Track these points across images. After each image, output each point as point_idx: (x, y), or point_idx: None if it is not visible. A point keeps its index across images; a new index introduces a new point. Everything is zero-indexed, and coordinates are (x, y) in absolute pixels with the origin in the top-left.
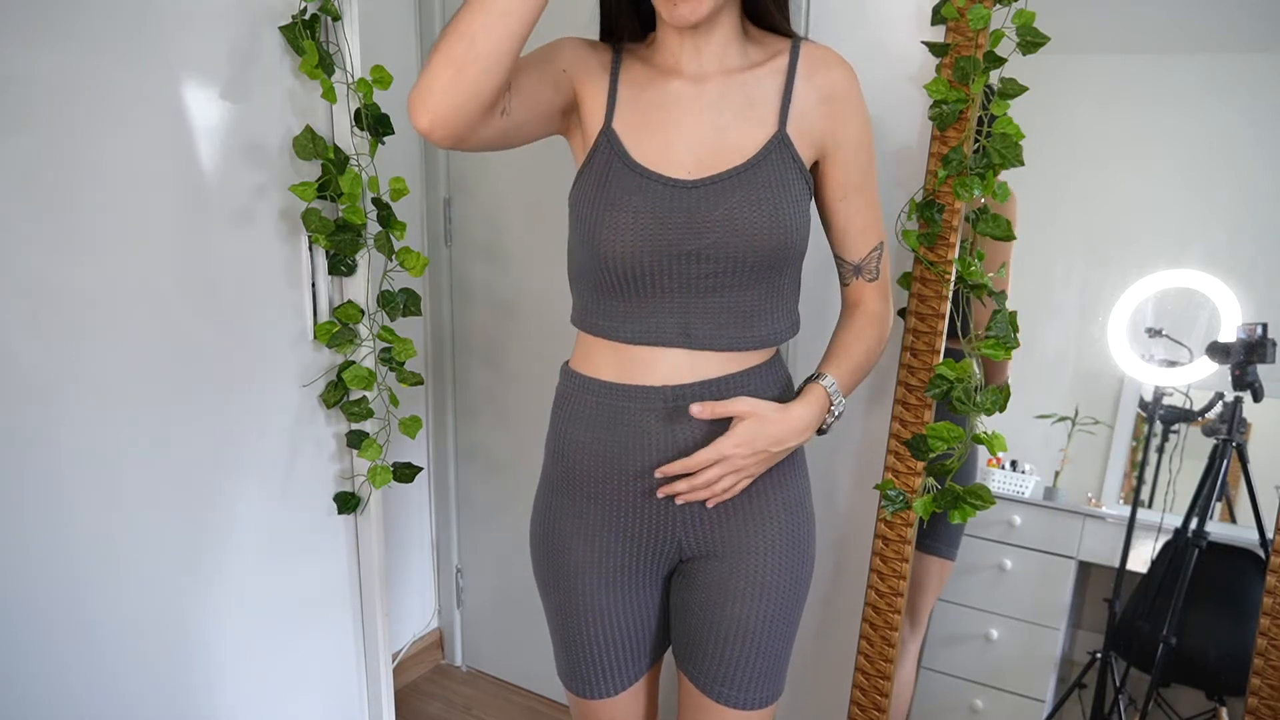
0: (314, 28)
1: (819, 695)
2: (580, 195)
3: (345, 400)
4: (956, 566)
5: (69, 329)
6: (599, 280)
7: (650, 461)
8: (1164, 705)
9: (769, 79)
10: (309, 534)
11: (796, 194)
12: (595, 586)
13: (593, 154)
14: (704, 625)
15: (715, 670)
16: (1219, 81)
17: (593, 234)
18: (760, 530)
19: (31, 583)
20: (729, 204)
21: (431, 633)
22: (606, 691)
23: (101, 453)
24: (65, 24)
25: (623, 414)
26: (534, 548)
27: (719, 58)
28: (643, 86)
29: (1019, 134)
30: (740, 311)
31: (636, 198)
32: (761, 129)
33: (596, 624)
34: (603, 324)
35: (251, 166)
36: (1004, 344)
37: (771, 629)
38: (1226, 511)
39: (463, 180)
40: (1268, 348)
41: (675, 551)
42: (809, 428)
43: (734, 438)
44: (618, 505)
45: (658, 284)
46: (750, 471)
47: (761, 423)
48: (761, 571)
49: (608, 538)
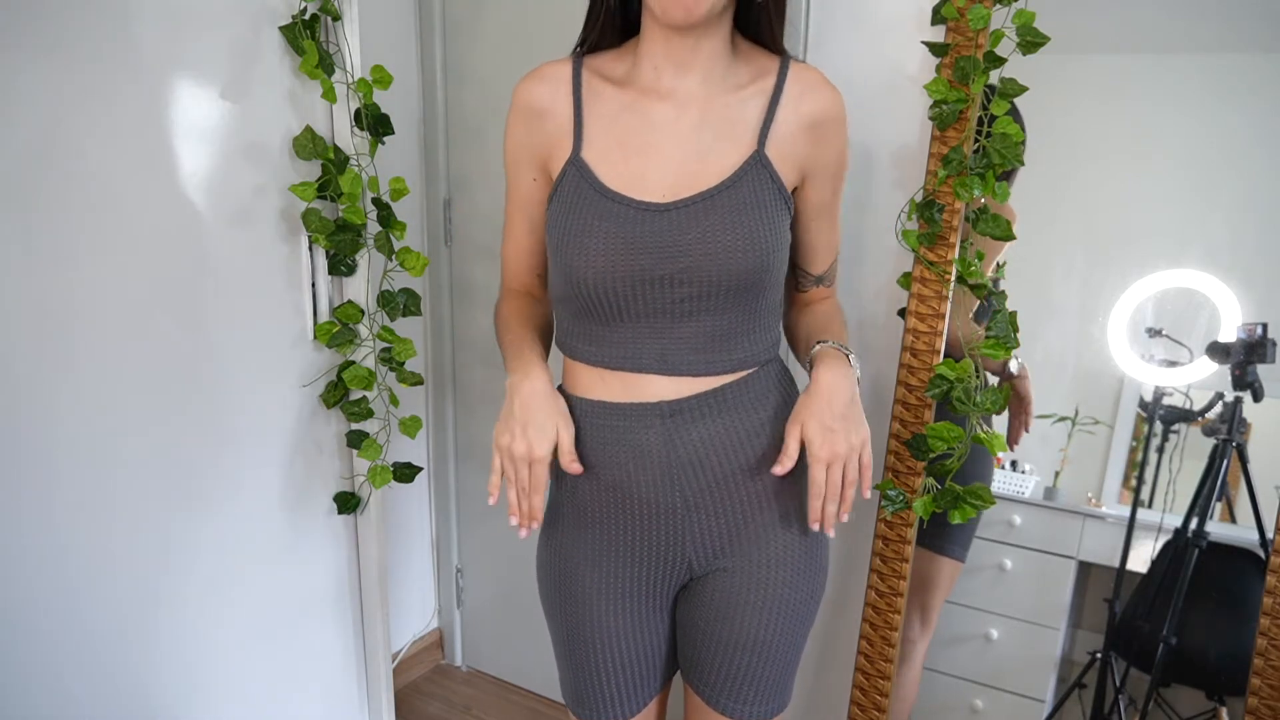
0: (314, 28)
1: (819, 695)
2: (553, 220)
3: (345, 400)
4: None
5: (68, 329)
6: (577, 306)
7: (652, 480)
8: (1164, 705)
9: (753, 100)
10: (309, 534)
11: (774, 214)
12: (604, 611)
13: (560, 181)
14: (713, 639)
15: (723, 684)
16: (1219, 81)
17: (564, 259)
18: (770, 542)
19: (28, 584)
20: (704, 226)
21: (431, 633)
22: (616, 717)
23: (100, 452)
24: (64, 24)
25: (620, 432)
26: (541, 575)
27: (703, 75)
28: (616, 112)
29: (1019, 134)
30: (718, 335)
31: (606, 222)
32: (738, 150)
33: (606, 649)
34: (584, 349)
35: (251, 166)
36: (1004, 344)
37: (781, 641)
38: (1226, 511)
39: (463, 180)
40: (1268, 348)
41: (685, 570)
42: (844, 375)
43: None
44: (624, 529)
45: (632, 309)
46: (854, 442)
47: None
48: (772, 584)
49: (615, 562)
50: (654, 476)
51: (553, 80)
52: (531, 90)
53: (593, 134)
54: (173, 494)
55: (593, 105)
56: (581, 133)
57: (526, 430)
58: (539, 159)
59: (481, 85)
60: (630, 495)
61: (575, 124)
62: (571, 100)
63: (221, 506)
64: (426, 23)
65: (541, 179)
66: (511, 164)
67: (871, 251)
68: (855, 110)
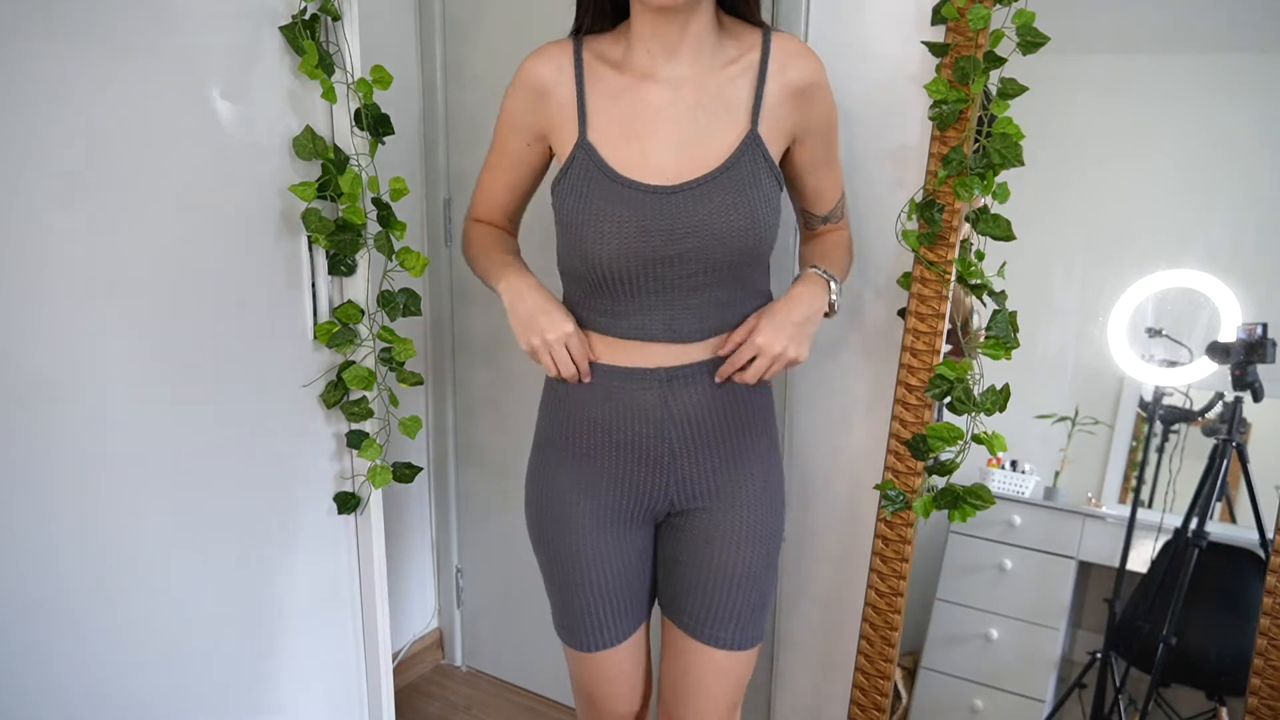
0: (314, 28)
1: (819, 695)
2: (563, 202)
3: (345, 400)
4: (957, 566)
5: (67, 328)
6: (589, 282)
7: (646, 432)
8: (1164, 705)
9: (741, 77)
10: (309, 534)
11: (768, 191)
12: (593, 534)
13: (570, 163)
14: (693, 571)
15: (704, 614)
16: (1219, 81)
17: (579, 241)
18: (745, 481)
19: (25, 584)
20: (707, 209)
21: (431, 633)
22: (608, 641)
23: (99, 452)
24: (58, 23)
25: (619, 392)
26: (530, 503)
27: (693, 56)
28: (617, 94)
29: (1019, 134)
30: (719, 304)
31: (620, 207)
32: (734, 129)
33: (595, 570)
34: (595, 320)
35: (251, 166)
36: (1004, 344)
37: (756, 572)
38: (1226, 511)
39: (463, 180)
40: (1268, 348)
41: (666, 504)
42: (816, 298)
43: (759, 334)
44: (615, 463)
45: (643, 286)
46: (791, 353)
47: (771, 314)
48: (747, 520)
49: (605, 490)
50: (648, 429)
51: (556, 61)
52: (535, 69)
53: (596, 117)
54: (171, 493)
55: (594, 87)
56: (586, 115)
57: (544, 319)
58: (537, 130)
59: (481, 85)
60: (624, 440)
61: (579, 106)
62: (574, 82)
63: (220, 506)
64: (426, 23)
65: (536, 145)
66: (505, 128)
67: (872, 251)
68: (855, 110)
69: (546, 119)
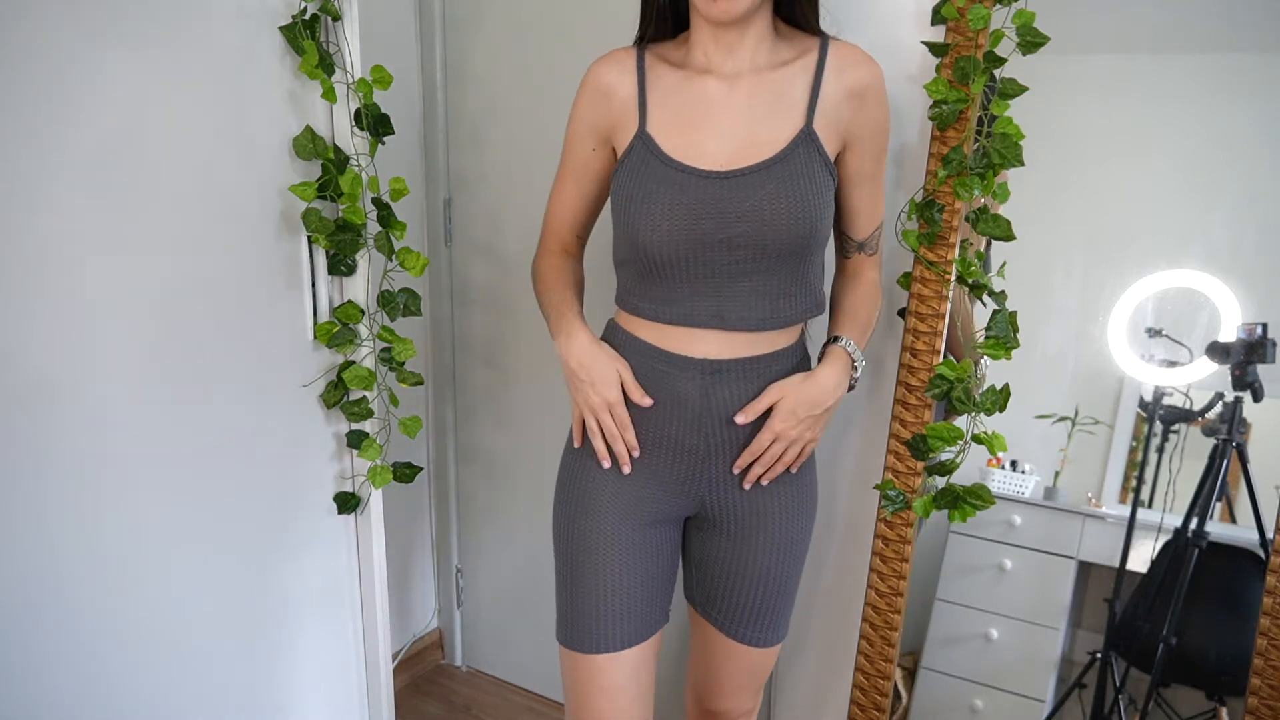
0: (314, 28)
1: (819, 695)
2: (619, 189)
3: (345, 400)
4: (957, 566)
5: (66, 328)
6: (640, 267)
7: (684, 423)
8: (1164, 705)
9: (798, 76)
10: (309, 534)
11: (821, 185)
12: (622, 521)
13: (629, 152)
14: (730, 575)
15: (741, 615)
16: (1219, 81)
17: (631, 225)
18: (779, 491)
19: (24, 583)
20: (759, 196)
21: (431, 633)
22: (615, 644)
23: (99, 452)
24: (63, 23)
25: (664, 378)
26: (560, 489)
27: (751, 56)
28: (675, 88)
29: (1019, 134)
30: (768, 294)
31: (672, 190)
32: (790, 124)
33: (617, 565)
34: (644, 306)
35: (251, 166)
36: (1004, 344)
37: (789, 578)
38: (1226, 511)
39: (463, 180)
40: (1268, 348)
41: (697, 505)
42: (839, 385)
43: (778, 418)
44: (650, 455)
45: (692, 270)
46: (806, 437)
47: (796, 397)
48: (782, 529)
49: (636, 481)
50: (686, 420)
51: (620, 63)
52: (600, 73)
53: (655, 110)
54: (171, 493)
55: (655, 85)
56: (646, 110)
57: (594, 384)
58: (601, 132)
59: (481, 85)
60: (661, 430)
61: (640, 102)
62: (636, 81)
63: (220, 506)
64: (426, 23)
65: (601, 149)
66: (573, 136)
67: None
68: None
69: (610, 118)
